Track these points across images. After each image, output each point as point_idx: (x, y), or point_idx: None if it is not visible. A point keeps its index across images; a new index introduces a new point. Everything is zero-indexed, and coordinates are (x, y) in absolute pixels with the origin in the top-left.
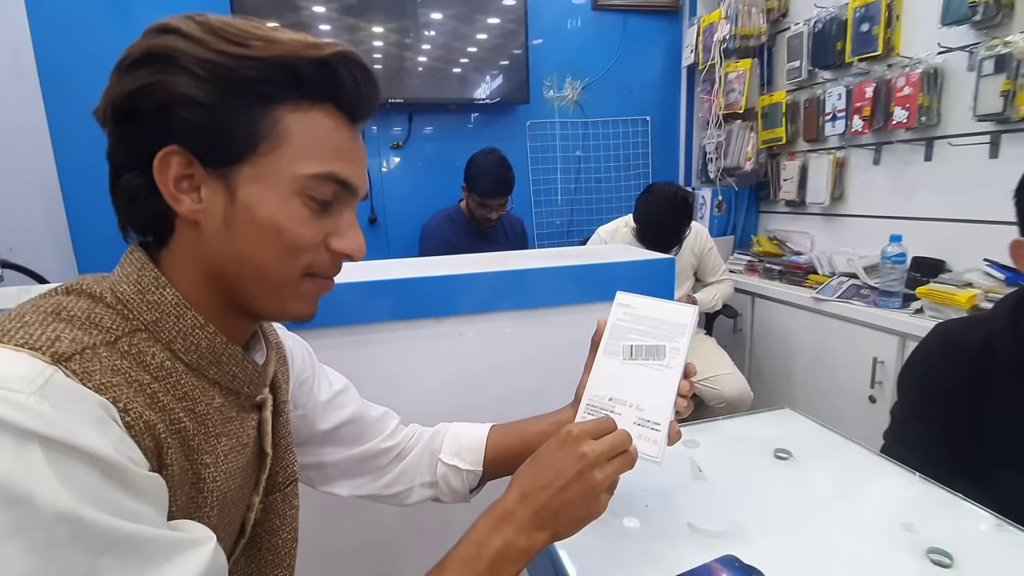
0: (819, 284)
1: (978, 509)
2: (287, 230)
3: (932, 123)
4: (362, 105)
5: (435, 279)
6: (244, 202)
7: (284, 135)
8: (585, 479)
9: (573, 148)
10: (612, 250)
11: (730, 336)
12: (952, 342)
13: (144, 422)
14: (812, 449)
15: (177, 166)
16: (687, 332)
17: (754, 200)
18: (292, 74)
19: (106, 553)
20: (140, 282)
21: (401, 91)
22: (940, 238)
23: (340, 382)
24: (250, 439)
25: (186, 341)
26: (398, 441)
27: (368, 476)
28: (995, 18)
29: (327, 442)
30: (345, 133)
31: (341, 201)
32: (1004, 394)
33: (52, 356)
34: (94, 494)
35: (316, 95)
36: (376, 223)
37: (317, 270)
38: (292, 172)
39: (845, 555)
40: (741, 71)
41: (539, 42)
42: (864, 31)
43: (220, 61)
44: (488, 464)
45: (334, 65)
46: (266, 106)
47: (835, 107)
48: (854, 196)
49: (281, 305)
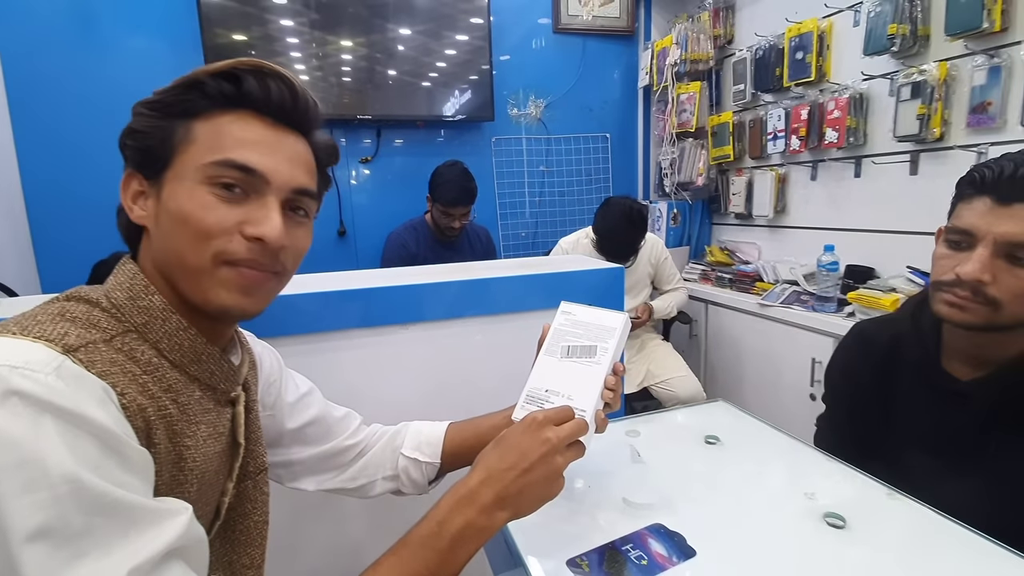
0: (765, 291)
1: (872, 480)
2: (191, 216)
3: (859, 143)
4: (272, 103)
5: (400, 288)
6: (164, 200)
7: (193, 138)
8: (548, 462)
9: (537, 163)
10: (569, 260)
11: (686, 341)
12: (865, 340)
13: (137, 405)
14: (738, 435)
15: (134, 184)
16: (616, 335)
17: (707, 213)
18: (198, 89)
19: (99, 514)
20: (132, 289)
21: (370, 107)
22: (869, 247)
23: (305, 385)
24: (225, 429)
25: (171, 341)
26: (361, 439)
27: (332, 472)
28: (912, 48)
29: (293, 441)
30: (258, 130)
31: (252, 188)
32: (909, 389)
33: (63, 347)
34: (94, 462)
35: (224, 103)
36: (345, 235)
37: (231, 256)
38: (195, 164)
39: (756, 520)
40: (692, 93)
41: (506, 58)
42: (799, 59)
43: (152, 99)
44: (446, 457)
45: (237, 75)
46: (183, 120)
47: (776, 127)
48: (795, 209)
49: (204, 294)
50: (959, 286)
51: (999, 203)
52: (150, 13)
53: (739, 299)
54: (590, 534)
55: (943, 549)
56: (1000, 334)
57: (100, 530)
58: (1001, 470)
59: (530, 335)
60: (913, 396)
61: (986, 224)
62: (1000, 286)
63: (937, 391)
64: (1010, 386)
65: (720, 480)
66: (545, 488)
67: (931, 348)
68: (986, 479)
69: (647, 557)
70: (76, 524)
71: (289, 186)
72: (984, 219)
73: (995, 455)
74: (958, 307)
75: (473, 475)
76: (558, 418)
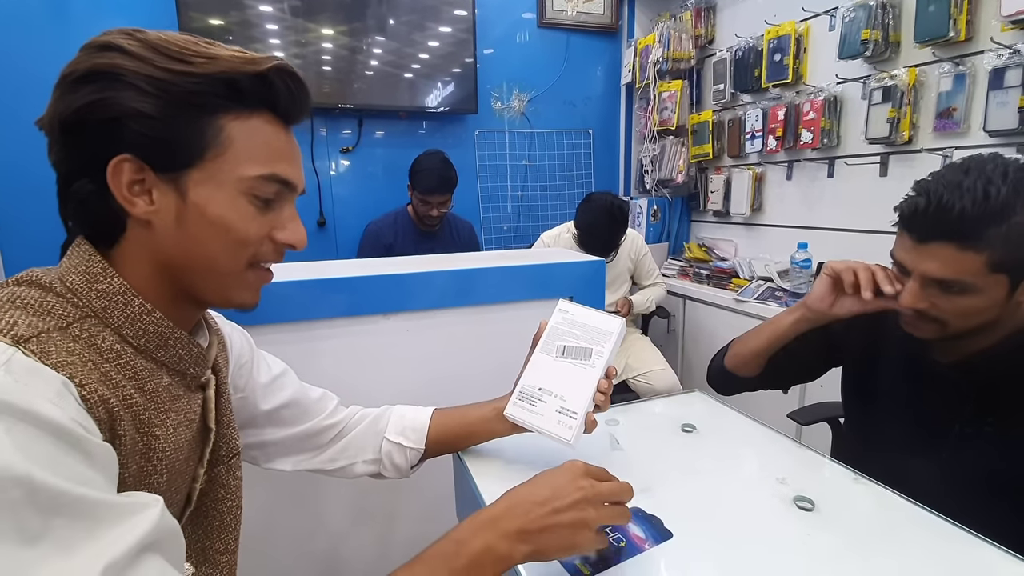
0: (740, 287)
1: (839, 466)
2: (235, 227)
3: (833, 144)
4: (295, 111)
5: (381, 278)
6: (195, 203)
7: (228, 141)
8: (579, 509)
9: (520, 157)
10: (550, 253)
11: (664, 335)
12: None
13: (99, 396)
14: (713, 424)
15: (129, 172)
16: (612, 340)
17: (686, 210)
18: (233, 87)
19: (58, 514)
20: (88, 272)
21: (351, 96)
22: (841, 246)
23: (279, 366)
24: (196, 415)
25: (134, 326)
26: (339, 419)
27: (310, 452)
28: (884, 54)
29: (268, 423)
30: (283, 136)
31: (282, 197)
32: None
33: (12, 338)
34: (49, 459)
35: (254, 104)
36: (324, 226)
37: (260, 259)
38: (238, 174)
39: (730, 504)
40: (673, 91)
41: (490, 51)
42: (777, 60)
43: (165, 77)
44: (430, 443)
45: (271, 78)
46: (210, 116)
47: (754, 127)
48: (771, 207)
49: (227, 294)
50: (907, 311)
51: (917, 242)
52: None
53: (716, 295)
54: None
55: (905, 530)
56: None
57: (62, 530)
58: (961, 457)
59: (511, 326)
60: (897, 371)
61: (911, 260)
62: (940, 308)
63: (919, 368)
64: (980, 370)
65: (696, 466)
66: (571, 535)
67: None
68: (949, 462)
69: (625, 539)
70: (33, 526)
71: (301, 190)
72: (909, 255)
73: (957, 441)
74: (911, 326)
75: (500, 503)
76: (601, 475)
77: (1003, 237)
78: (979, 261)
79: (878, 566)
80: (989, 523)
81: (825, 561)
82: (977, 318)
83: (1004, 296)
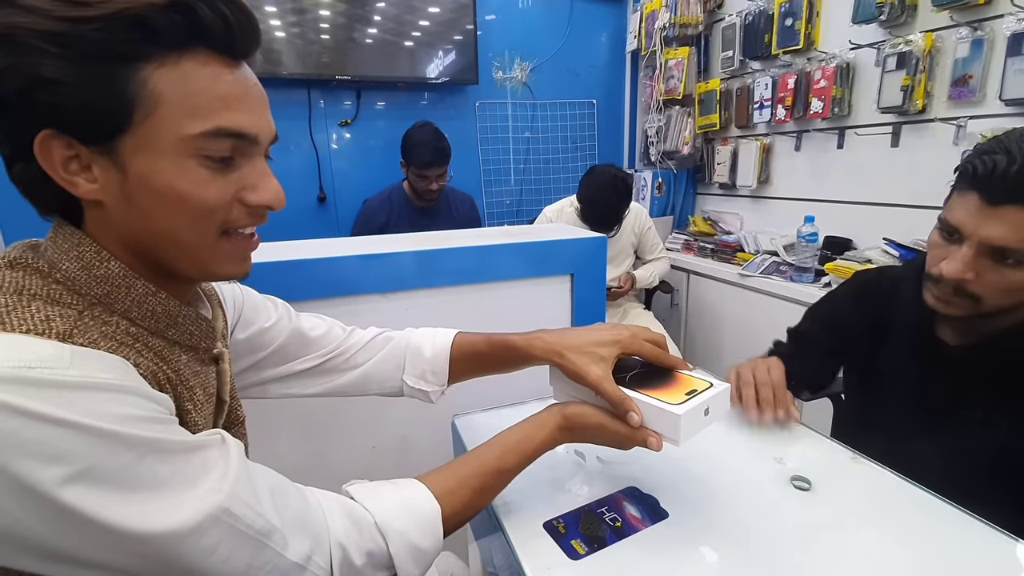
0: (745, 261)
1: (836, 444)
2: (190, 195)
3: (844, 114)
4: (238, 40)
5: (379, 256)
6: (136, 174)
7: (157, 96)
8: (618, 442)
9: (522, 129)
10: (551, 229)
11: (667, 310)
12: (860, 284)
13: (150, 371)
14: None
15: (59, 149)
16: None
17: (691, 182)
18: (146, 27)
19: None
20: (82, 258)
21: (349, 67)
22: (848, 219)
23: (275, 311)
24: (213, 388)
25: (141, 308)
26: (352, 343)
27: (325, 377)
28: (900, 18)
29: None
30: (227, 77)
31: (243, 152)
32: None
33: (57, 336)
34: (153, 418)
35: (180, 43)
36: (325, 202)
37: (234, 226)
38: (177, 134)
39: (726, 483)
40: (680, 59)
41: (491, 18)
42: (788, 25)
43: (63, 30)
44: (454, 374)
45: (189, 4)
46: (127, 68)
47: (762, 96)
48: (778, 180)
49: (204, 268)
50: (943, 283)
51: (988, 203)
52: None
53: (720, 269)
54: (567, 498)
55: (901, 509)
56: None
57: (186, 466)
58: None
59: (511, 303)
60: (902, 350)
61: (973, 224)
62: (982, 282)
63: (926, 350)
64: (994, 354)
65: (693, 445)
66: (608, 444)
67: (927, 312)
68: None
69: (621, 519)
70: (163, 473)
71: (269, 139)
72: (972, 218)
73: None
74: (943, 303)
75: (568, 413)
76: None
77: None
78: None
79: (873, 545)
80: (989, 509)
81: (820, 540)
82: (1017, 296)
83: None
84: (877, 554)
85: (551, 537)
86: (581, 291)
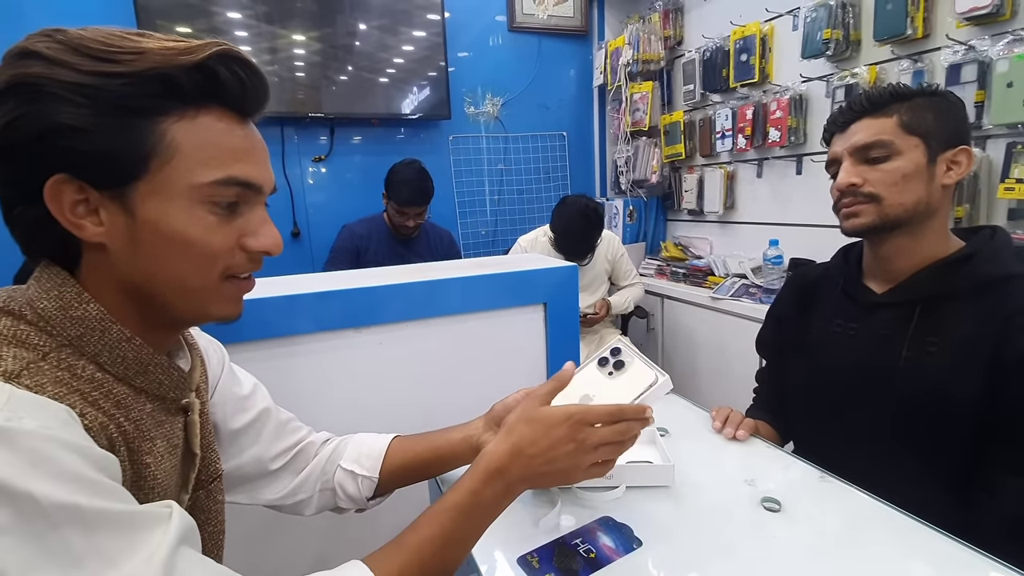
0: (716, 285)
1: (807, 465)
2: (197, 240)
3: (800, 142)
4: (249, 100)
5: (352, 291)
6: (146, 219)
7: (174, 146)
8: (574, 457)
9: (495, 162)
10: (523, 260)
11: (644, 335)
12: (796, 276)
13: (99, 424)
14: (686, 426)
15: (69, 193)
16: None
17: (661, 209)
18: (170, 84)
19: (99, 531)
20: (62, 298)
21: (324, 105)
22: (811, 241)
23: (250, 381)
24: (179, 440)
25: (112, 354)
26: (306, 442)
27: (268, 479)
28: (845, 52)
29: (233, 442)
30: (238, 132)
31: (247, 200)
32: (831, 304)
33: (2, 374)
34: (83, 482)
35: (199, 100)
36: (299, 237)
37: (235, 271)
38: (190, 182)
39: (699, 509)
40: (644, 92)
41: (464, 55)
42: (744, 60)
43: (90, 83)
44: (388, 472)
45: (212, 67)
46: (149, 120)
47: (723, 126)
48: (743, 205)
49: (204, 310)
50: (844, 197)
51: (842, 130)
52: (81, 4)
53: (692, 293)
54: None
55: (869, 527)
56: (898, 240)
57: (107, 543)
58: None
59: (486, 335)
60: (834, 312)
61: (840, 145)
62: (872, 183)
63: (856, 303)
64: (915, 294)
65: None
66: (563, 477)
67: (854, 270)
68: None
69: (595, 550)
70: (77, 548)
71: (270, 189)
72: (839, 144)
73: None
74: (853, 215)
75: (502, 447)
76: (600, 419)
77: (908, 107)
78: (891, 123)
79: (843, 565)
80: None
81: (791, 563)
82: (906, 188)
83: (924, 162)
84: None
85: (524, 573)
86: (554, 319)
